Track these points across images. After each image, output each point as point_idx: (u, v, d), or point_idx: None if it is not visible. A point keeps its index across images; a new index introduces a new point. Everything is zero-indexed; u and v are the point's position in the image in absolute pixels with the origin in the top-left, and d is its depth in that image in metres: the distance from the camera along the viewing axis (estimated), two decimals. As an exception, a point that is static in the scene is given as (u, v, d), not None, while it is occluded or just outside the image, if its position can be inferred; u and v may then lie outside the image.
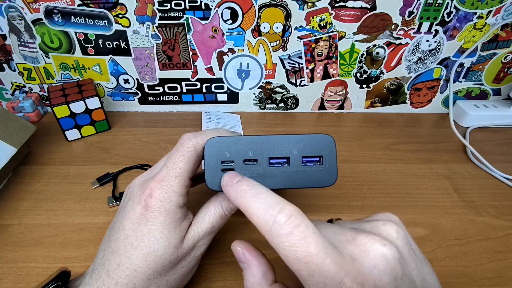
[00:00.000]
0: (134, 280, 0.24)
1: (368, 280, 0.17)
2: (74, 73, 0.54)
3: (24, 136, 0.44)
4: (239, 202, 0.20)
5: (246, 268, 0.22)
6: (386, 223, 0.20)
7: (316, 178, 0.25)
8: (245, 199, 0.20)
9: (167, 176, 0.25)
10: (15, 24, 0.48)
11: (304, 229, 0.17)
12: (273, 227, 0.18)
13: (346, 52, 0.53)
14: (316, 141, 0.25)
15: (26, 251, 0.34)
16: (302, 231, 0.17)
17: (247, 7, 0.48)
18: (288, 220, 0.18)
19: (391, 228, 0.20)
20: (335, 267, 0.17)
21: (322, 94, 0.58)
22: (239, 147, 0.24)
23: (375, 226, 0.20)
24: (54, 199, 0.40)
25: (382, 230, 0.20)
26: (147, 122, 0.56)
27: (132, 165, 0.45)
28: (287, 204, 0.18)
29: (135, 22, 0.49)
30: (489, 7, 0.49)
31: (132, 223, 0.24)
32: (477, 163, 0.48)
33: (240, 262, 0.22)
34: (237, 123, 0.56)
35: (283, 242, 0.17)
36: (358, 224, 0.21)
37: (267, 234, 0.18)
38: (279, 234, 0.17)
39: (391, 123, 0.58)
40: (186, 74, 0.55)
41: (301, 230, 0.17)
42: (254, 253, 0.22)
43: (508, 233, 0.37)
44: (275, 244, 0.18)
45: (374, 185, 0.43)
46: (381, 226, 0.20)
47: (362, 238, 0.18)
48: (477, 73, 0.56)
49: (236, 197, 0.21)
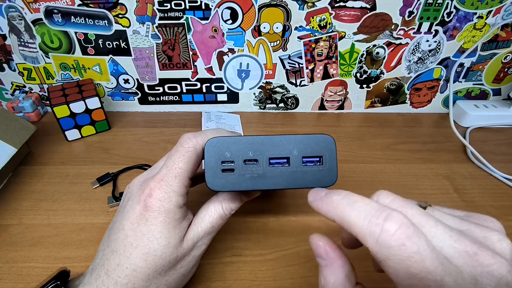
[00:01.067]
0: (133, 280, 0.24)
1: None
2: (74, 73, 0.54)
3: (24, 136, 0.44)
4: (334, 214, 0.19)
5: (326, 265, 0.20)
6: (502, 239, 0.17)
7: (316, 178, 0.25)
8: (340, 209, 0.18)
9: (166, 176, 0.25)
10: (15, 24, 0.48)
11: (418, 241, 0.15)
12: (381, 237, 0.16)
13: (346, 52, 0.53)
14: (316, 141, 0.25)
15: (26, 251, 0.34)
16: (415, 243, 0.15)
17: (247, 7, 0.48)
18: (399, 230, 0.16)
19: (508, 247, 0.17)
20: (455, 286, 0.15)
21: (322, 94, 0.58)
22: (239, 147, 0.24)
23: (489, 238, 0.17)
24: (54, 199, 0.40)
25: (498, 248, 0.17)
26: (147, 122, 0.56)
27: (132, 165, 0.45)
28: (393, 211, 0.16)
29: (135, 22, 0.49)
30: (489, 7, 0.49)
31: (132, 223, 0.24)
32: (477, 163, 0.48)
33: (319, 257, 0.20)
34: (237, 123, 0.56)
35: (395, 256, 0.15)
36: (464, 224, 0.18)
37: (372, 245, 0.16)
38: (390, 245, 0.15)
39: (391, 123, 0.58)
40: (186, 74, 0.55)
41: (414, 241, 0.15)
42: (338, 252, 0.20)
43: (508, 233, 0.37)
44: (382, 255, 0.16)
45: (374, 185, 0.43)
46: (497, 242, 0.17)
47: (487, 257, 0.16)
48: (477, 73, 0.56)
49: (329, 210, 0.19)
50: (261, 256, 0.34)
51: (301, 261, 0.34)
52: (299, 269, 0.33)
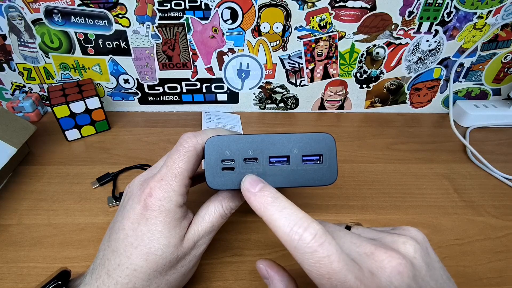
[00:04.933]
0: (134, 280, 0.24)
1: None
2: (74, 73, 0.54)
3: (24, 136, 0.44)
4: (262, 213, 0.21)
5: (269, 283, 0.23)
6: (407, 241, 0.20)
7: (316, 177, 0.25)
8: (269, 212, 0.20)
9: (166, 176, 0.25)
10: (15, 24, 0.48)
11: (328, 247, 0.18)
12: (299, 244, 0.19)
13: (346, 52, 0.53)
14: (316, 140, 0.25)
15: (26, 251, 0.34)
16: (326, 249, 0.18)
17: (247, 7, 0.48)
18: (314, 239, 0.18)
19: (411, 247, 0.20)
20: (356, 281, 0.18)
21: (322, 94, 0.58)
22: (239, 146, 0.24)
23: (395, 242, 0.21)
24: (54, 199, 0.40)
25: (401, 248, 0.20)
26: (147, 122, 0.56)
27: (132, 165, 0.45)
28: (312, 222, 0.19)
29: (135, 22, 0.49)
30: (489, 7, 0.49)
31: (132, 223, 0.24)
32: (477, 163, 0.48)
33: (264, 278, 0.23)
34: (237, 123, 0.56)
35: (308, 259, 0.18)
36: (380, 234, 0.22)
37: (292, 250, 0.19)
38: (304, 251, 0.18)
39: (391, 123, 0.58)
40: (186, 74, 0.55)
41: (325, 248, 0.18)
42: (276, 268, 0.23)
43: (508, 233, 0.37)
44: (299, 259, 0.19)
45: (374, 185, 0.43)
46: (401, 244, 0.20)
47: (380, 254, 0.19)
48: (477, 73, 0.57)
49: (259, 208, 0.21)
50: (261, 256, 0.34)
51: (301, 261, 0.34)
52: (299, 269, 0.33)
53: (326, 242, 0.18)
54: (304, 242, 0.18)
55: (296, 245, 0.19)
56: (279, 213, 0.20)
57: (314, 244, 0.18)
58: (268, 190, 0.22)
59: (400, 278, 0.18)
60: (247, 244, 0.35)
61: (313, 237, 0.18)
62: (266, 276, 0.23)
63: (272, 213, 0.20)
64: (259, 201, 0.21)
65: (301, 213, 0.20)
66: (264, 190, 0.22)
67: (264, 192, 0.22)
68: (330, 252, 0.18)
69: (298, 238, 0.19)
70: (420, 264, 0.20)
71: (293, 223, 0.19)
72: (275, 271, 0.23)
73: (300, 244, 0.19)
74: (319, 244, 0.18)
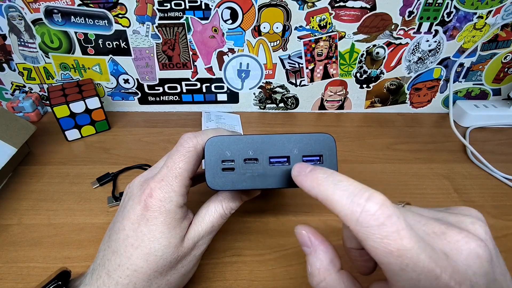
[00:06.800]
0: (134, 280, 0.24)
1: (465, 280, 0.16)
2: (74, 73, 0.54)
3: (24, 136, 0.44)
4: (317, 191, 0.19)
5: (311, 252, 0.20)
6: (475, 221, 0.18)
7: None
8: (324, 187, 0.18)
9: (167, 176, 0.25)
10: (15, 24, 0.48)
11: (396, 221, 0.16)
12: (362, 216, 0.16)
13: (346, 52, 0.53)
14: (317, 140, 0.25)
15: (26, 251, 0.34)
16: (394, 223, 0.16)
17: (247, 7, 0.48)
18: (379, 210, 0.16)
19: (480, 228, 0.18)
20: (431, 262, 0.16)
21: (322, 94, 0.58)
22: (239, 146, 0.24)
23: (462, 222, 0.18)
24: (54, 199, 0.40)
25: (471, 229, 0.18)
26: (147, 122, 0.56)
27: (132, 165, 0.45)
28: (375, 192, 0.17)
29: (135, 22, 0.49)
30: (489, 7, 0.49)
31: (132, 223, 0.24)
32: (477, 163, 0.48)
33: (304, 246, 0.21)
34: (237, 123, 0.56)
35: (374, 234, 0.16)
36: (440, 214, 0.19)
37: (353, 224, 0.17)
38: (369, 224, 0.16)
39: (391, 123, 0.58)
40: (186, 74, 0.55)
41: (393, 221, 0.16)
42: (320, 238, 0.21)
43: (508, 233, 0.37)
44: (362, 235, 0.16)
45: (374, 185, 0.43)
46: (470, 224, 0.18)
47: (454, 234, 0.17)
48: (477, 73, 0.57)
49: (313, 186, 0.19)
50: (261, 256, 0.34)
51: (301, 261, 0.34)
52: (299, 269, 0.33)
53: (394, 215, 0.16)
54: (368, 213, 0.16)
55: (359, 218, 0.16)
56: (335, 186, 0.18)
57: (380, 216, 0.16)
58: (319, 169, 0.20)
59: (479, 262, 0.16)
60: (247, 244, 0.35)
61: (379, 207, 0.16)
62: (307, 244, 0.20)
63: (326, 188, 0.18)
64: (311, 180, 0.19)
65: (360, 184, 0.18)
66: (315, 169, 0.20)
67: (316, 171, 0.20)
68: (399, 227, 0.16)
69: (360, 209, 0.16)
70: (491, 248, 0.17)
71: (352, 194, 0.17)
72: (320, 241, 0.20)
73: (363, 217, 0.16)
74: (387, 216, 0.16)
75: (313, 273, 0.20)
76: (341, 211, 0.17)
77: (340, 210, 0.17)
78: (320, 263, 0.20)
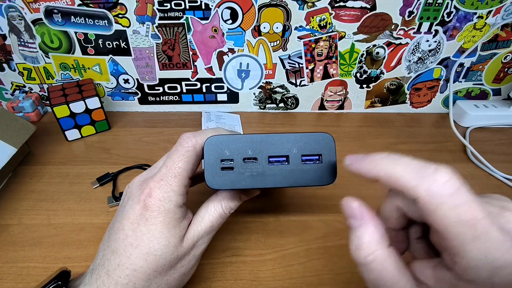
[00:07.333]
0: (134, 280, 0.24)
1: None
2: (74, 73, 0.54)
3: (24, 136, 0.44)
4: (378, 170, 0.19)
5: (361, 225, 0.19)
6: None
7: (315, 176, 0.25)
8: (385, 165, 0.18)
9: (166, 176, 0.25)
10: (15, 24, 0.48)
11: (467, 193, 0.16)
12: (433, 186, 0.16)
13: (346, 52, 0.53)
14: (316, 139, 0.25)
15: (26, 251, 0.34)
16: (465, 193, 0.16)
17: (247, 7, 0.48)
18: (450, 180, 0.16)
19: None
20: (502, 235, 0.16)
21: (322, 94, 0.58)
22: (238, 145, 0.24)
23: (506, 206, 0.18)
24: (54, 199, 0.40)
25: None
26: (147, 122, 0.56)
27: (132, 165, 0.45)
28: (440, 165, 0.17)
29: (135, 22, 0.49)
30: (489, 7, 0.49)
31: (132, 223, 0.24)
32: (477, 163, 0.48)
33: (352, 218, 0.20)
34: (237, 123, 0.56)
35: (446, 203, 0.16)
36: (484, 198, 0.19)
37: (423, 194, 0.17)
38: (441, 194, 0.16)
39: (391, 123, 0.58)
40: (186, 74, 0.55)
41: (463, 193, 0.16)
42: (371, 213, 0.20)
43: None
44: (431, 205, 0.16)
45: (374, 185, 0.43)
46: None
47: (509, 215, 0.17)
48: (477, 73, 0.56)
49: (372, 168, 0.19)
50: (261, 256, 0.34)
51: (301, 261, 0.34)
52: (299, 269, 0.33)
53: (463, 187, 0.16)
54: (439, 182, 0.16)
55: (430, 188, 0.16)
56: (396, 162, 0.18)
57: (451, 186, 0.16)
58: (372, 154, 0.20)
59: None
60: (247, 244, 0.35)
61: (450, 177, 0.16)
62: (357, 217, 0.20)
63: (387, 166, 0.18)
64: (369, 162, 0.19)
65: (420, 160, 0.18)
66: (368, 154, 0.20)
67: (370, 155, 0.20)
68: (470, 198, 0.16)
69: (430, 180, 0.16)
70: None
71: (417, 166, 0.17)
72: (371, 215, 0.20)
73: (435, 187, 0.16)
74: (457, 188, 0.16)
75: (360, 246, 0.19)
76: (407, 184, 0.17)
77: (406, 184, 0.17)
78: (371, 236, 0.19)
